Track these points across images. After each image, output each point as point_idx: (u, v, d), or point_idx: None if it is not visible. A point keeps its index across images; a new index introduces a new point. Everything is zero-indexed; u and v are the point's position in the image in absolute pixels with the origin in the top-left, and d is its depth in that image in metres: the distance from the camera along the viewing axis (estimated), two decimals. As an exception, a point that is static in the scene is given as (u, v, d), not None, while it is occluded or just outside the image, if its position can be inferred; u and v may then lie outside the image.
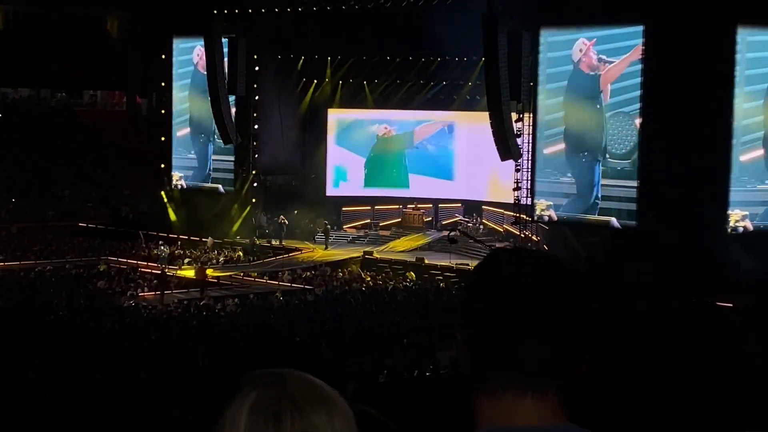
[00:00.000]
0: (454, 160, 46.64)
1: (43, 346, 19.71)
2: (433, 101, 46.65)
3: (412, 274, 37.40)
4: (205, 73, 44.64)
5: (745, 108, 33.32)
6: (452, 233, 42.02)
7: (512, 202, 39.25)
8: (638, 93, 34.56)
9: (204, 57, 44.90)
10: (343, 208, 47.38)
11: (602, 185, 35.87)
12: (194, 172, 47.82)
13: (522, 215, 38.67)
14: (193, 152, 47.91)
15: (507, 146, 36.99)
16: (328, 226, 44.25)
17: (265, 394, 1.96)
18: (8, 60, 53.35)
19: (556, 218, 37.18)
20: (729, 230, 32.83)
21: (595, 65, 35.79)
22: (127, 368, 17.88)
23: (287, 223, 44.13)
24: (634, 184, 34.86)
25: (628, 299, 29.08)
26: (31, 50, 53.12)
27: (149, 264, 40.00)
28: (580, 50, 36.05)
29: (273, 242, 44.01)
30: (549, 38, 36.87)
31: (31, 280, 36.40)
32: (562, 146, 37.03)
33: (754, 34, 33.42)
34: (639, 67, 34.40)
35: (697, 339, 23.45)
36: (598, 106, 36.00)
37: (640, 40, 34.30)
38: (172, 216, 46.68)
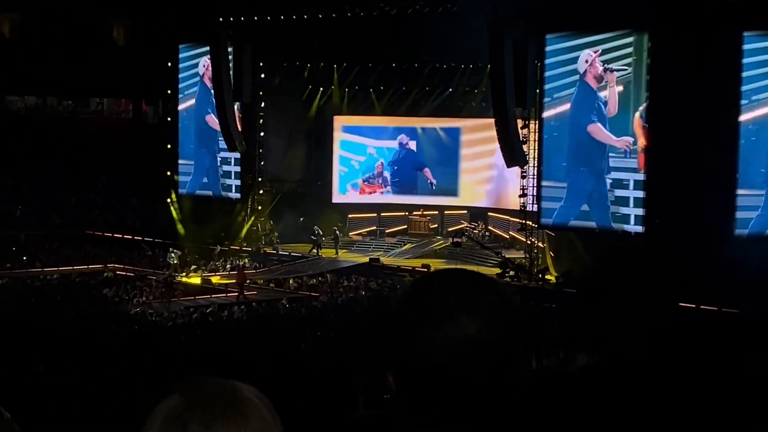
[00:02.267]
0: (459, 166, 46.67)
1: (49, 353, 19.70)
2: (441, 108, 46.62)
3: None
4: (211, 85, 44.79)
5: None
6: (456, 239, 42.18)
7: (518, 208, 39.29)
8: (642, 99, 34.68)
9: (210, 69, 44.98)
10: (350, 215, 47.40)
11: (608, 191, 35.82)
12: (200, 179, 47.81)
13: (528, 222, 38.66)
14: (198, 160, 47.89)
15: (513, 153, 37.01)
16: (338, 232, 44.31)
17: (181, 402, 1.94)
18: (15, 68, 53.47)
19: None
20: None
21: (601, 75, 35.68)
22: (133, 375, 17.86)
23: (321, 233, 44.22)
24: (640, 193, 34.81)
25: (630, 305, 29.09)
26: (37, 58, 53.23)
27: (155, 271, 40.01)
28: (586, 61, 35.92)
29: (280, 250, 44.09)
30: (554, 45, 36.81)
31: (37, 287, 36.42)
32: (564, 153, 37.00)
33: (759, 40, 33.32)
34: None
35: (698, 344, 23.41)
36: (605, 121, 35.89)
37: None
38: (179, 225, 46.59)
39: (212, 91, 45.09)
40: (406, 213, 47.23)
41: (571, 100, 36.39)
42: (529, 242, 38.91)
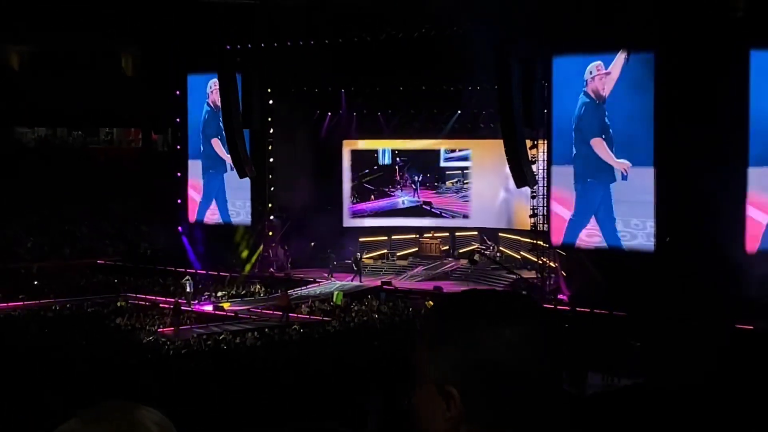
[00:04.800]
0: (470, 188, 46.76)
1: (62, 384, 19.72)
2: (450, 130, 46.66)
3: (431, 302, 37.28)
4: (216, 107, 45.03)
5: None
6: (473, 256, 42.40)
7: (529, 229, 39.27)
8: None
9: (216, 91, 45.20)
10: (360, 239, 47.42)
11: (616, 209, 35.80)
12: (210, 206, 47.91)
13: (539, 241, 38.61)
14: (209, 187, 48.02)
15: (522, 173, 37.00)
16: (359, 258, 44.47)
17: (78, 427, 1.96)
18: (25, 100, 53.73)
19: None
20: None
21: (600, 93, 35.71)
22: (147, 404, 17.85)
23: (334, 256, 44.41)
24: (651, 209, 34.78)
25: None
26: (46, 89, 53.48)
27: (167, 299, 39.99)
28: (590, 72, 35.97)
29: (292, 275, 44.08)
30: (561, 64, 36.87)
31: (50, 318, 36.45)
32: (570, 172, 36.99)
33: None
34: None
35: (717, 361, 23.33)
36: (604, 136, 35.88)
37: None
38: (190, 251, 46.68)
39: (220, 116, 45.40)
40: (417, 235, 47.26)
41: (575, 113, 36.42)
42: (540, 262, 38.86)
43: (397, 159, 48.10)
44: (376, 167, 48.28)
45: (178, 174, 48.79)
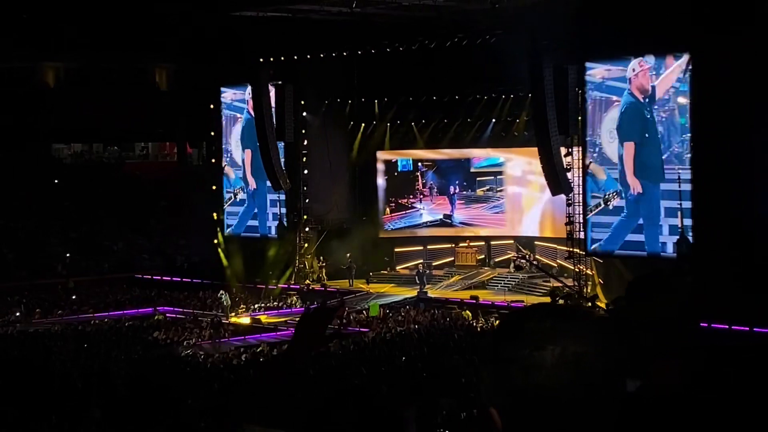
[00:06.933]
0: (504, 197, 46.60)
1: (104, 399, 19.81)
2: (484, 139, 46.52)
3: (468, 312, 37.24)
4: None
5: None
6: (518, 261, 42.32)
7: (565, 236, 39.05)
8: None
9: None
10: (396, 249, 47.38)
11: (656, 216, 35.56)
12: (246, 219, 48.05)
13: (575, 249, 38.40)
14: (244, 199, 48.18)
15: (557, 181, 36.87)
16: (428, 270, 44.45)
17: None
18: (61, 116, 54.16)
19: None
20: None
21: (646, 88, 35.43)
22: (187, 420, 17.91)
23: (355, 266, 44.37)
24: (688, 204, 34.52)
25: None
26: (81, 106, 53.88)
27: (205, 312, 40.13)
28: (633, 69, 35.72)
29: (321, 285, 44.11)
30: (594, 70, 36.73)
31: (89, 332, 36.64)
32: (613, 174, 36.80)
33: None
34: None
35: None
36: (647, 135, 35.64)
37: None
38: (225, 263, 46.73)
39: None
40: (453, 245, 47.12)
41: (619, 113, 36.19)
42: (577, 270, 38.64)
43: (419, 164, 47.96)
44: (396, 174, 48.26)
45: (214, 187, 48.96)
